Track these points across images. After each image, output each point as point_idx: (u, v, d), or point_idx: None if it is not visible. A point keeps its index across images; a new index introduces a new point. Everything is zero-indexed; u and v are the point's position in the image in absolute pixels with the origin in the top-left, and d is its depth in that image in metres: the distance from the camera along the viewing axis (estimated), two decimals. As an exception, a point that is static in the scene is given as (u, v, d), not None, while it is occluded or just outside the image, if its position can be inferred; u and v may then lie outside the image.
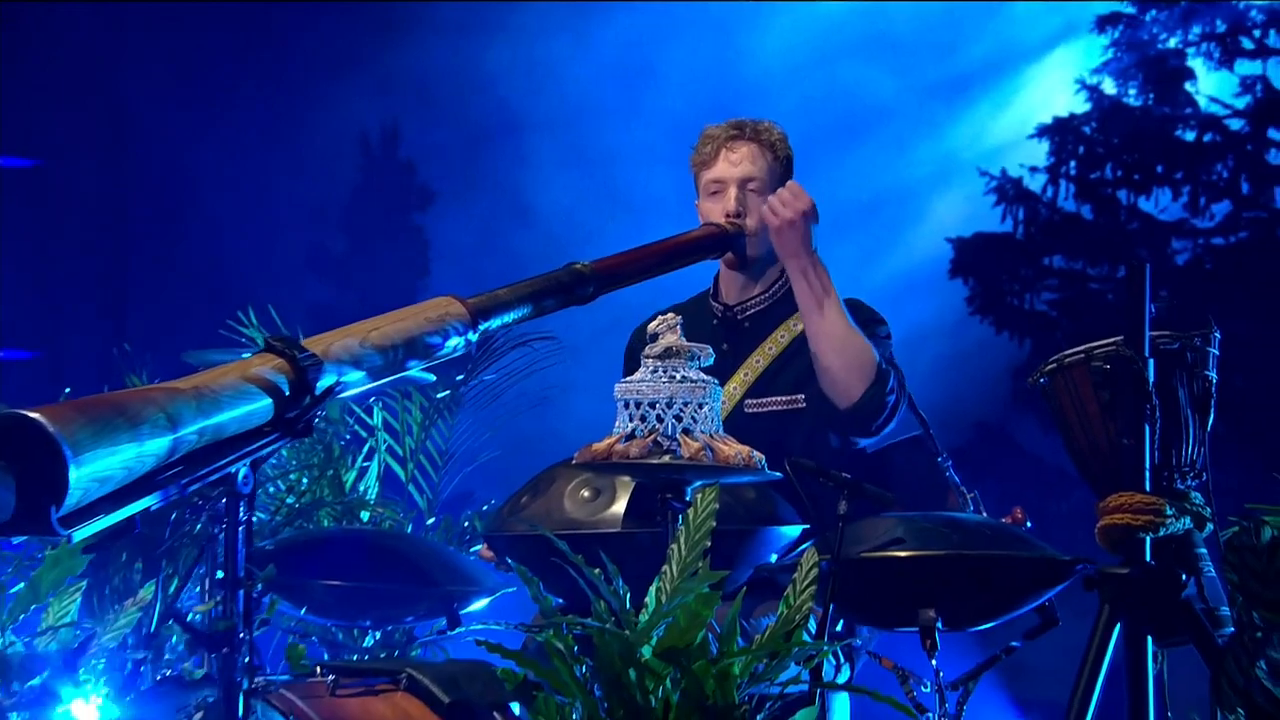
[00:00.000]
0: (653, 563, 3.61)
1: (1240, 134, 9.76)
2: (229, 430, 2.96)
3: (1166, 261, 9.66)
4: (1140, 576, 3.91)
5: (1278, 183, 9.72)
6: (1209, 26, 9.71)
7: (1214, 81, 9.84)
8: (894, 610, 4.06)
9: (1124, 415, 3.97)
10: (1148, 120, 9.81)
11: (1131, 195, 9.87)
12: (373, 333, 3.39)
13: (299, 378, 3.11)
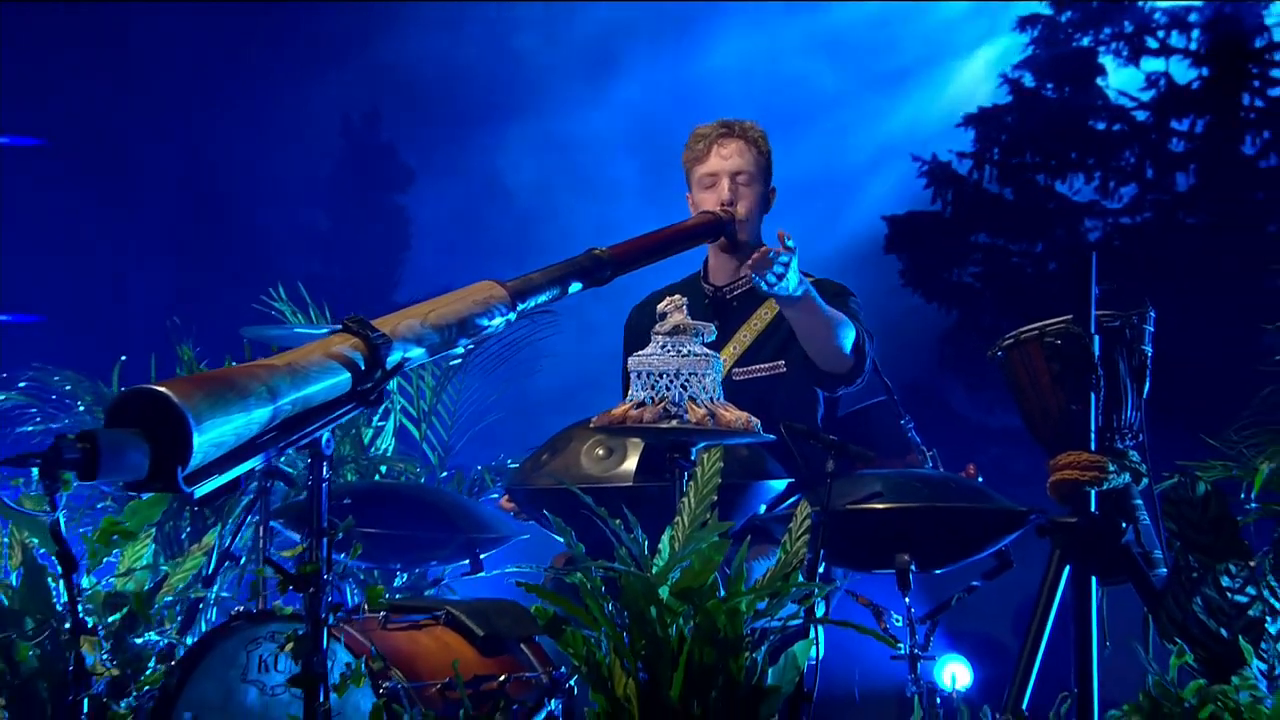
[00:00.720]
0: (659, 513, 3.74)
1: (1145, 124, 9.80)
2: (316, 400, 3.05)
3: (1080, 239, 9.75)
4: (1086, 525, 4.03)
5: (1179, 169, 9.76)
6: (1118, 27, 9.76)
7: (1122, 77, 9.87)
8: (874, 555, 4.17)
9: (1072, 384, 4.10)
10: (1063, 111, 9.82)
11: (1048, 179, 9.91)
12: (430, 314, 3.43)
13: (372, 354, 3.18)
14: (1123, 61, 9.82)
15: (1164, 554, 4.15)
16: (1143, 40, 9.78)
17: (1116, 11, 9.75)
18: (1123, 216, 9.82)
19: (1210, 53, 9.68)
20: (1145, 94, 9.78)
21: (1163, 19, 9.73)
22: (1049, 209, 9.88)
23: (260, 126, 10.53)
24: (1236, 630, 3.61)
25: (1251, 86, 9.68)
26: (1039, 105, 9.88)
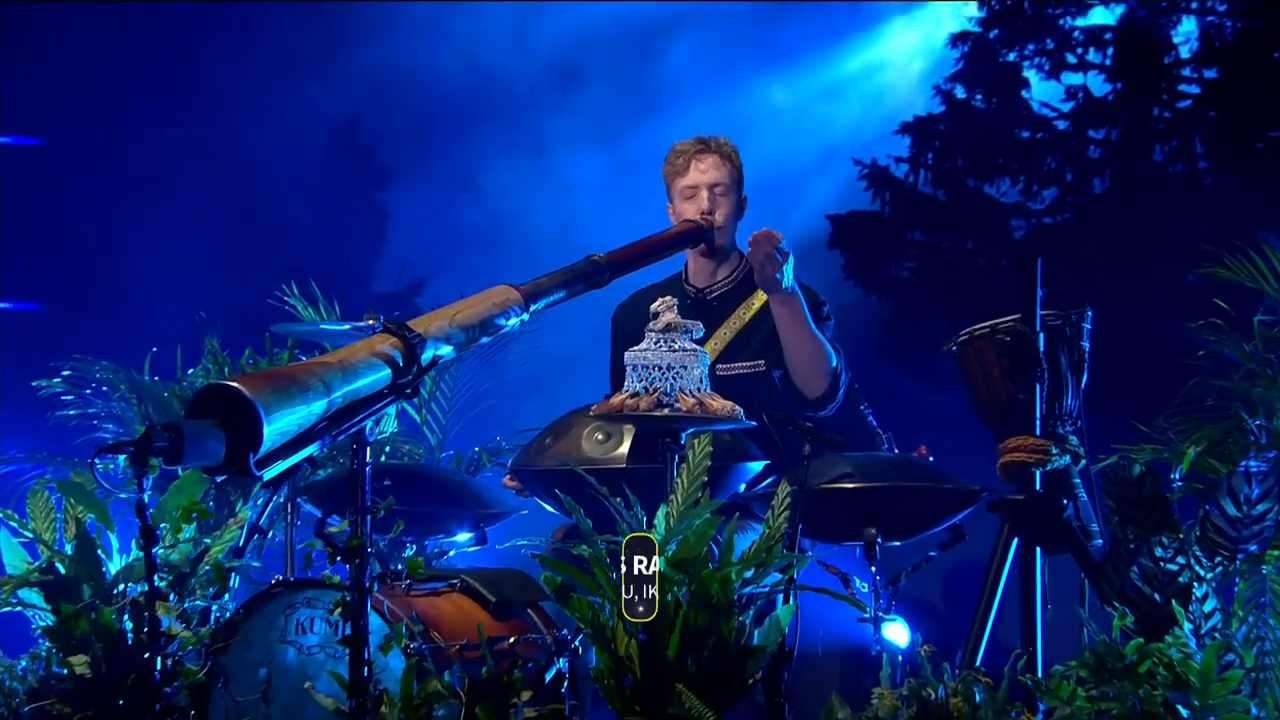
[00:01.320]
0: (651, 491, 3.86)
1: (1065, 132, 9.79)
2: (363, 394, 3.19)
3: (1007, 237, 9.80)
4: (1032, 501, 4.18)
5: (1095, 173, 9.75)
6: (1040, 44, 9.76)
7: (1044, 89, 9.83)
8: (844, 529, 4.34)
9: (1019, 377, 4.23)
10: (991, 120, 9.82)
11: (977, 182, 9.85)
12: (457, 316, 3.55)
13: (409, 352, 3.31)
14: (1045, 75, 9.83)
15: (1100, 527, 4.29)
16: (1063, 56, 9.79)
17: (1039, 30, 9.77)
18: (1045, 217, 9.85)
19: (1124, 68, 9.71)
20: (1065, 105, 9.79)
21: (1081, 37, 9.75)
22: (978, 209, 9.87)
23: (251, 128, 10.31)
24: (1169, 595, 3.74)
25: (1160, 100, 9.73)
26: (969, 115, 9.87)
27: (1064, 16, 9.78)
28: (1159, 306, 9.03)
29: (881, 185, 9.89)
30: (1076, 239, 9.57)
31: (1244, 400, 4.20)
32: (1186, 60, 9.69)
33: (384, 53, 10.61)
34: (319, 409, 3.04)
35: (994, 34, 9.81)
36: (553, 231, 10.39)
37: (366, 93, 10.85)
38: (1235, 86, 9.48)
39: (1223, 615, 3.79)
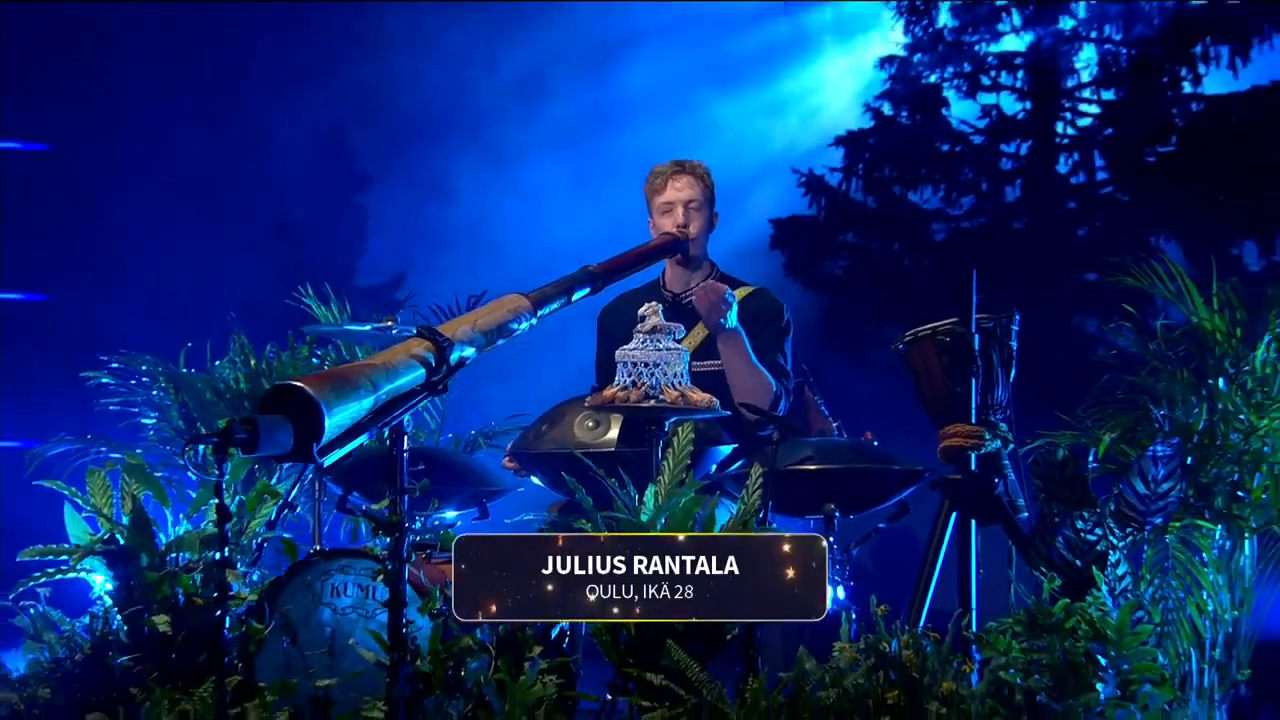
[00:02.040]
0: (636, 472, 3.94)
1: (980, 146, 9.83)
2: (402, 390, 3.31)
3: (929, 239, 9.82)
4: (968, 480, 4.32)
5: (1007, 183, 9.82)
6: (959, 67, 9.78)
7: (962, 108, 9.88)
8: (807, 505, 4.41)
9: (957, 372, 4.36)
10: (914, 135, 9.83)
11: (902, 190, 9.88)
12: (478, 321, 3.66)
13: (440, 354, 3.44)
14: (962, 95, 9.86)
15: (1025, 502, 4.42)
16: (978, 78, 9.83)
17: (957, 55, 9.78)
18: (963, 222, 9.86)
19: (1032, 90, 9.77)
20: (980, 122, 9.83)
21: (994, 62, 9.79)
22: (903, 215, 9.89)
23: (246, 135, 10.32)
24: (1088, 562, 3.86)
25: (1064, 118, 9.82)
26: (895, 130, 9.87)
27: (979, 43, 9.80)
28: (1065, 303, 9.17)
29: (817, 192, 9.91)
30: (990, 242, 9.62)
31: (1150, 394, 4.26)
32: (1087, 84, 9.78)
33: (366, 70, 10.59)
34: (368, 404, 3.15)
35: (917, 58, 9.83)
36: (519, 231, 10.39)
37: (350, 105, 10.85)
38: (1130, 107, 9.58)
39: (1133, 579, 3.90)
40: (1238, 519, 4.14)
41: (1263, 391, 4.21)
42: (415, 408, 3.40)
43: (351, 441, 3.12)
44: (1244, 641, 4.17)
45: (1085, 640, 3.59)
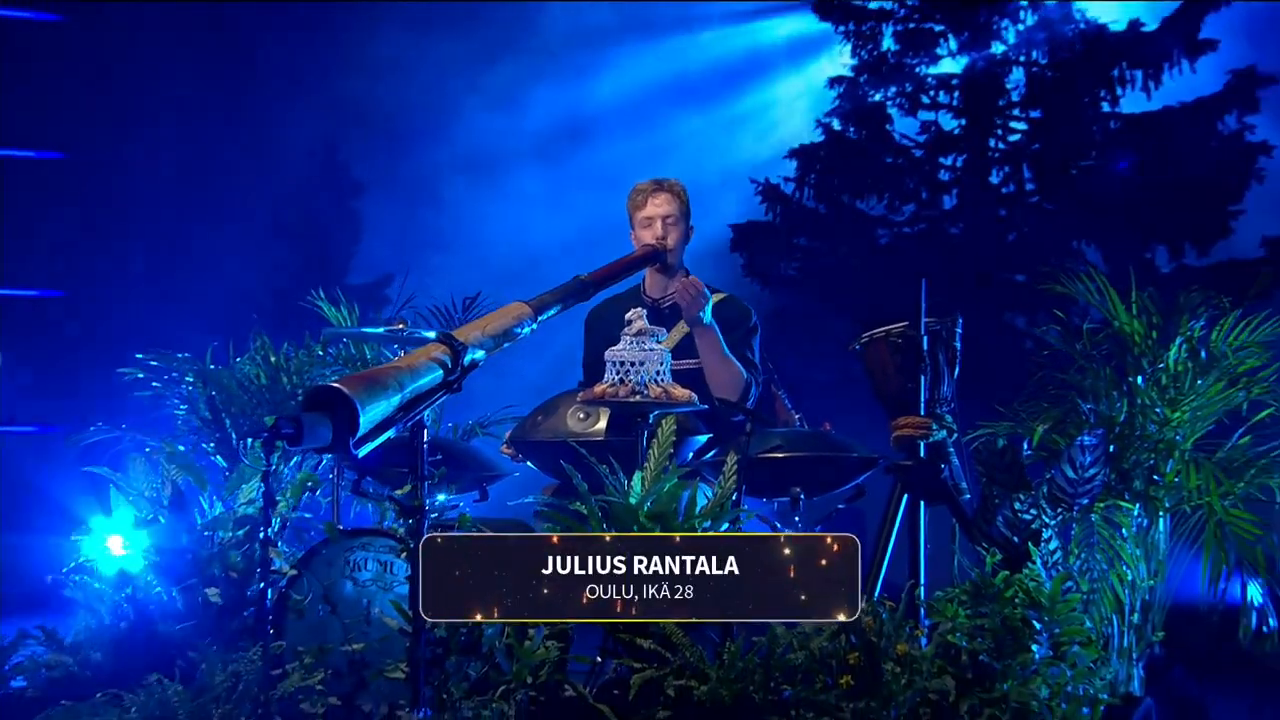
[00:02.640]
0: (623, 460, 3.99)
1: (920, 159, 9.84)
2: (424, 389, 3.37)
3: (874, 243, 9.81)
4: (917, 466, 4.30)
5: (944, 192, 9.83)
6: (901, 87, 9.79)
7: (904, 124, 9.90)
8: (775, 488, 4.47)
9: (908, 370, 4.35)
10: (861, 148, 9.84)
11: (850, 198, 9.86)
12: (487, 327, 3.71)
13: (455, 357, 3.48)
14: (904, 113, 9.87)
15: (967, 485, 4.38)
16: (919, 98, 9.84)
17: (900, 76, 9.79)
18: (904, 227, 9.87)
19: (967, 108, 9.81)
20: (920, 137, 9.83)
21: (933, 82, 9.81)
22: (850, 220, 9.90)
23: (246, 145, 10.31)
24: (1024, 538, 3.91)
25: (996, 134, 9.84)
26: (844, 143, 9.87)
27: (919, 65, 9.83)
28: (996, 301, 9.20)
29: (773, 200, 9.93)
30: (929, 245, 9.65)
31: (1077, 390, 4.28)
32: (1016, 103, 9.82)
33: (358, 88, 10.58)
34: (395, 402, 3.23)
35: (864, 79, 9.85)
36: (499, 233, 10.40)
37: (344, 118, 10.86)
38: (1054, 125, 9.63)
39: (1063, 553, 3.97)
40: (1153, 499, 4.17)
41: (1175, 387, 4.23)
42: (434, 404, 3.45)
43: (382, 435, 3.18)
44: (1158, 607, 4.19)
45: (1022, 607, 3.61)
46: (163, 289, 10.20)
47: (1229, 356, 4.26)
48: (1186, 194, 9.23)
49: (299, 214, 11.11)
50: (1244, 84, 9.26)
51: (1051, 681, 3.52)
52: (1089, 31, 9.48)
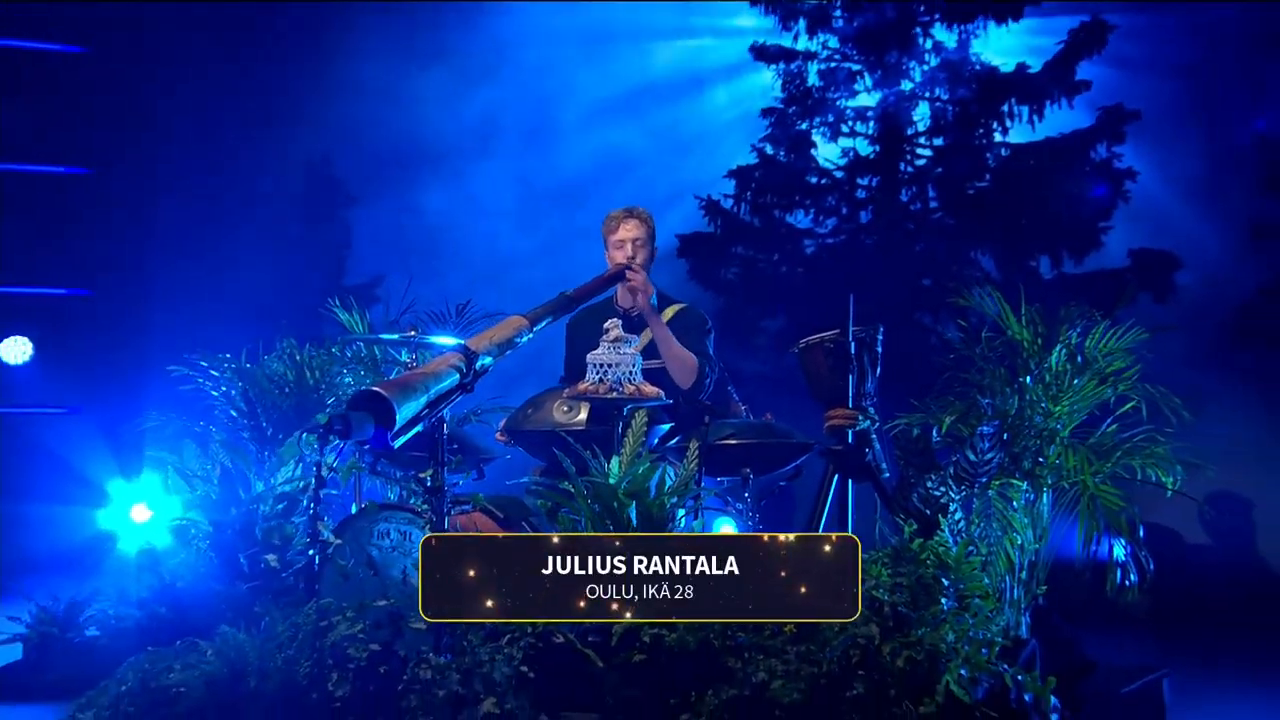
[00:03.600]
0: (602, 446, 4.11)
1: (841, 180, 9.70)
2: (444, 390, 3.55)
3: (801, 252, 9.69)
4: (846, 450, 4.52)
5: (861, 208, 9.69)
6: (824, 118, 9.66)
7: (827, 150, 9.76)
8: (729, 468, 4.62)
9: (839, 370, 4.56)
10: (790, 170, 9.71)
11: (781, 213, 9.73)
12: (494, 337, 3.88)
13: (469, 363, 3.67)
14: (827, 139, 9.76)
15: (888, 467, 4.55)
16: (839, 127, 9.74)
17: (823, 107, 9.70)
18: (827, 239, 9.79)
19: (880, 136, 9.73)
20: (841, 160, 9.73)
21: (852, 114, 9.71)
22: (781, 232, 9.82)
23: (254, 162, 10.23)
24: (935, 511, 4.07)
25: (905, 159, 9.78)
26: (775, 165, 9.74)
27: (840, 99, 9.72)
28: (905, 303, 9.12)
29: (714, 214, 9.82)
30: (848, 255, 9.61)
31: (977, 387, 4.37)
32: (922, 133, 9.73)
33: (349, 109, 10.47)
34: (422, 402, 3.40)
35: (792, 109, 9.75)
36: (474, 240, 10.29)
37: (338, 139, 10.74)
38: (954, 152, 9.54)
39: (966, 523, 4.11)
40: (1039, 478, 4.27)
41: (1056, 385, 4.33)
42: (453, 402, 3.63)
43: (413, 429, 3.35)
44: (1042, 566, 4.29)
45: (933, 568, 3.73)
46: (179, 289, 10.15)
47: (1099, 360, 4.34)
48: (1065, 212, 9.22)
49: (300, 222, 10.99)
50: (1112, 119, 9.25)
51: (957, 628, 3.60)
52: (983, 72, 9.44)
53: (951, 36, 9.56)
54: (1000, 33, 9.51)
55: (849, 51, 9.77)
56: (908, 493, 4.15)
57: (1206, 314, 8.79)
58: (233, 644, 3.19)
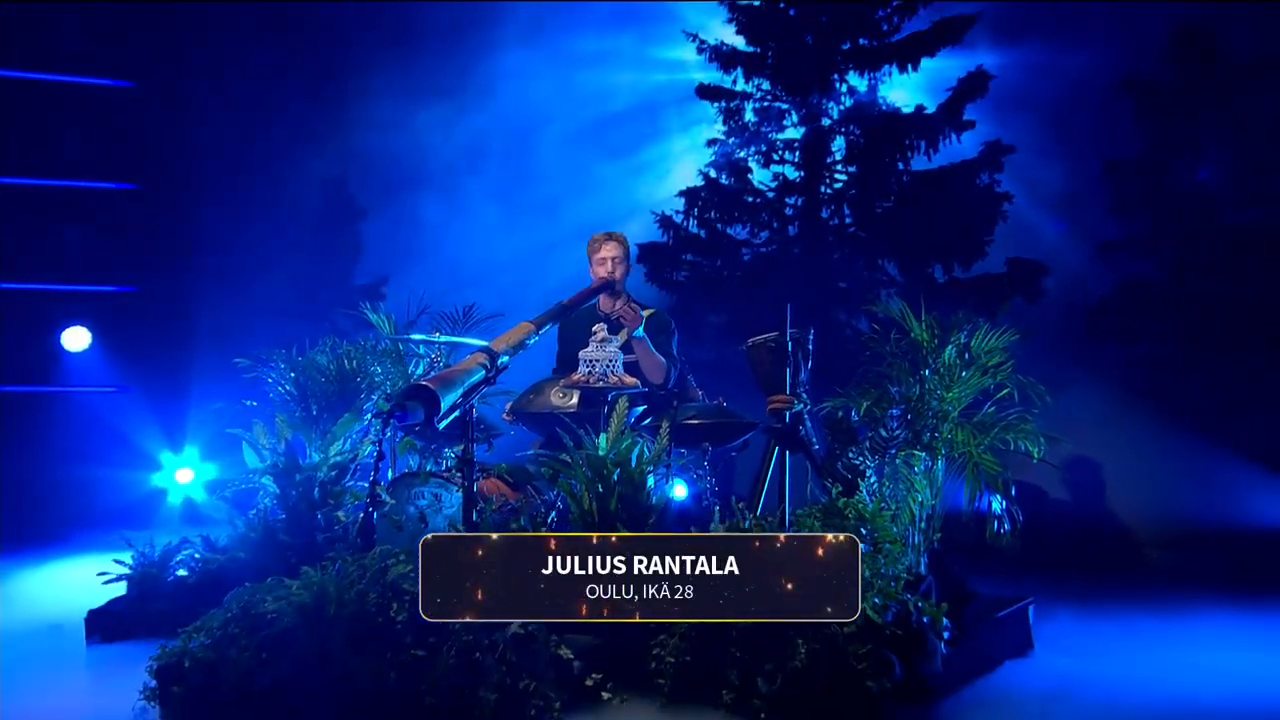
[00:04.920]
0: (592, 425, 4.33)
1: (774, 200, 9.72)
2: (474, 383, 3.73)
3: (739, 259, 9.68)
4: (784, 428, 4.69)
5: (790, 224, 9.72)
6: (759, 147, 9.69)
7: (761, 174, 9.78)
8: (691, 443, 4.74)
9: (779, 364, 4.73)
10: (731, 191, 9.71)
11: (723, 227, 9.72)
12: (509, 340, 4.03)
13: (491, 361, 3.85)
14: (761, 165, 9.78)
15: (817, 441, 4.73)
16: (771, 155, 9.76)
17: (758, 139, 9.74)
18: (761, 248, 9.80)
19: (805, 163, 9.76)
20: (773, 183, 9.75)
21: (781, 145, 9.73)
22: (723, 243, 9.72)
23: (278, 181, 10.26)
24: (855, 476, 4.27)
25: (825, 183, 9.82)
26: (719, 187, 9.75)
27: (772, 132, 9.77)
28: (827, 302, 9.25)
29: (668, 227, 9.82)
30: (778, 262, 9.69)
31: (888, 378, 4.47)
32: (839, 161, 9.80)
33: (360, 136, 10.53)
34: (459, 392, 3.61)
35: (732, 140, 9.77)
36: (464, 249, 10.29)
37: (350, 162, 10.80)
38: (865, 177, 9.63)
39: (879, 484, 4.28)
40: (935, 449, 4.37)
41: (949, 376, 4.43)
42: (480, 393, 3.85)
43: (452, 414, 3.57)
44: (937, 518, 4.39)
45: (854, 520, 3.95)
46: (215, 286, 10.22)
47: (982, 356, 4.44)
48: (955, 228, 9.31)
49: (318, 231, 11.01)
50: (992, 152, 9.37)
51: (872, 566, 3.75)
52: (888, 112, 9.52)
53: (863, 82, 9.72)
54: (902, 79, 9.65)
55: (778, 93, 9.85)
56: (833, 462, 4.31)
57: (1066, 313, 8.98)
58: (315, 580, 3.37)
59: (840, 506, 3.99)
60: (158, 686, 3.36)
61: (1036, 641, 4.48)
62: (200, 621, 3.46)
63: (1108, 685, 3.99)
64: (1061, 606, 5.33)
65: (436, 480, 4.29)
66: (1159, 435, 8.10)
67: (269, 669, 3.23)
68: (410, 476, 4.42)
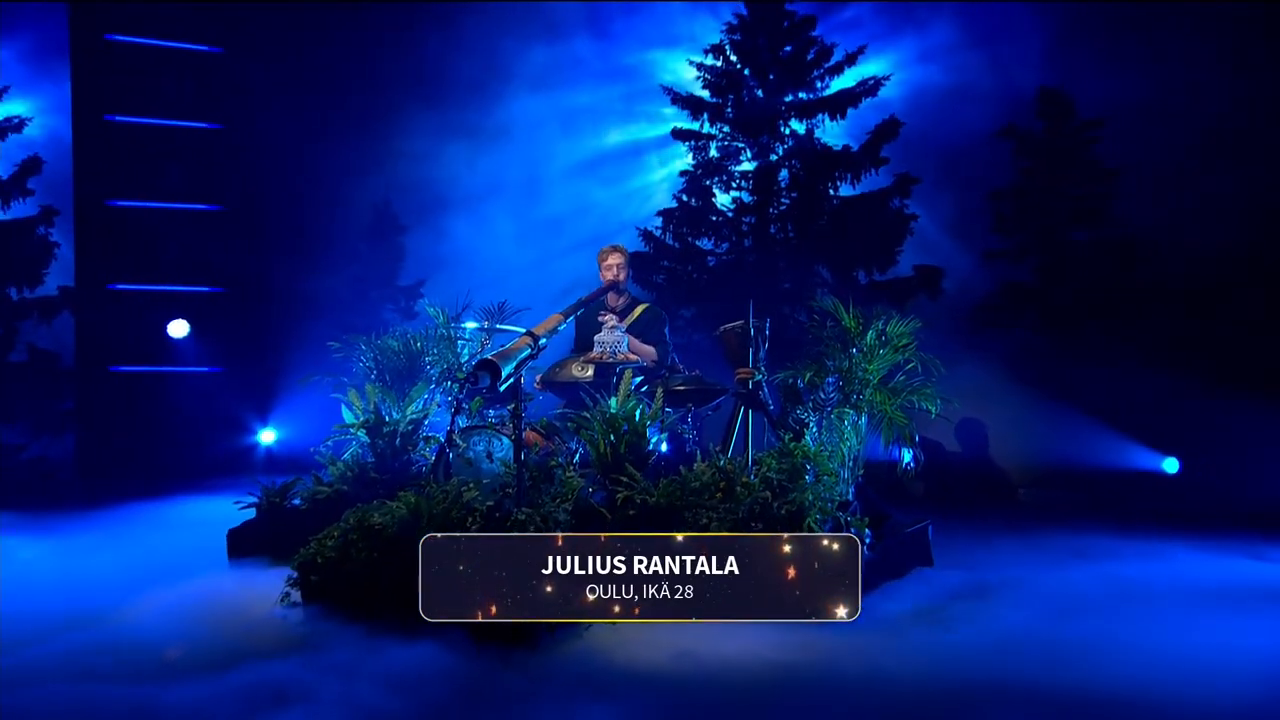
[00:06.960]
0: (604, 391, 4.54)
1: (732, 219, 9.79)
2: (522, 358, 4.00)
3: (705, 265, 9.73)
4: (748, 393, 4.81)
5: (746, 238, 9.79)
6: (721, 176, 9.77)
7: (724, 198, 9.84)
8: (679, 404, 4.88)
9: (744, 345, 4.86)
10: (698, 211, 9.79)
11: (693, 239, 9.78)
12: (546, 326, 4.30)
13: (534, 342, 4.12)
14: (724, 190, 9.83)
15: (772, 402, 4.87)
16: (730, 184, 9.83)
17: (720, 170, 9.81)
18: (724, 256, 9.81)
19: (757, 189, 9.84)
20: (732, 206, 9.80)
21: (738, 175, 9.82)
22: (691, 252, 9.87)
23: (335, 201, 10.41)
24: (802, 427, 4.48)
25: (773, 205, 9.89)
26: (689, 209, 9.82)
27: (731, 164, 9.90)
28: (773, 299, 9.49)
29: (648, 240, 9.89)
30: (736, 267, 9.84)
31: (826, 355, 4.67)
32: (784, 189, 9.96)
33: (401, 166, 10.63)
34: (513, 365, 3.89)
35: (699, 171, 9.89)
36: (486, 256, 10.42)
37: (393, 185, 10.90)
38: (805, 201, 9.84)
39: (820, 434, 4.51)
40: (860, 408, 4.58)
41: (870, 354, 4.63)
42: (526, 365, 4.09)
43: (509, 381, 3.85)
44: (861, 460, 4.57)
45: (801, 459, 4.14)
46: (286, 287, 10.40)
47: (894, 339, 4.63)
48: (874, 240, 9.53)
49: (367, 242, 11.13)
50: (902, 182, 9.62)
51: (814, 492, 3.99)
52: (821, 150, 9.71)
53: (802, 127, 9.94)
54: (833, 125, 9.91)
55: (736, 135, 10.05)
56: (785, 417, 4.55)
57: (958, 307, 9.36)
58: (411, 500, 3.65)
59: (791, 450, 4.17)
60: (299, 576, 3.65)
61: (935, 557, 4.63)
62: (325, 531, 3.74)
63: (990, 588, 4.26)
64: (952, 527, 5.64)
65: (490, 430, 4.49)
66: (1028, 401, 8.45)
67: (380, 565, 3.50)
68: (472, 428, 4.61)
